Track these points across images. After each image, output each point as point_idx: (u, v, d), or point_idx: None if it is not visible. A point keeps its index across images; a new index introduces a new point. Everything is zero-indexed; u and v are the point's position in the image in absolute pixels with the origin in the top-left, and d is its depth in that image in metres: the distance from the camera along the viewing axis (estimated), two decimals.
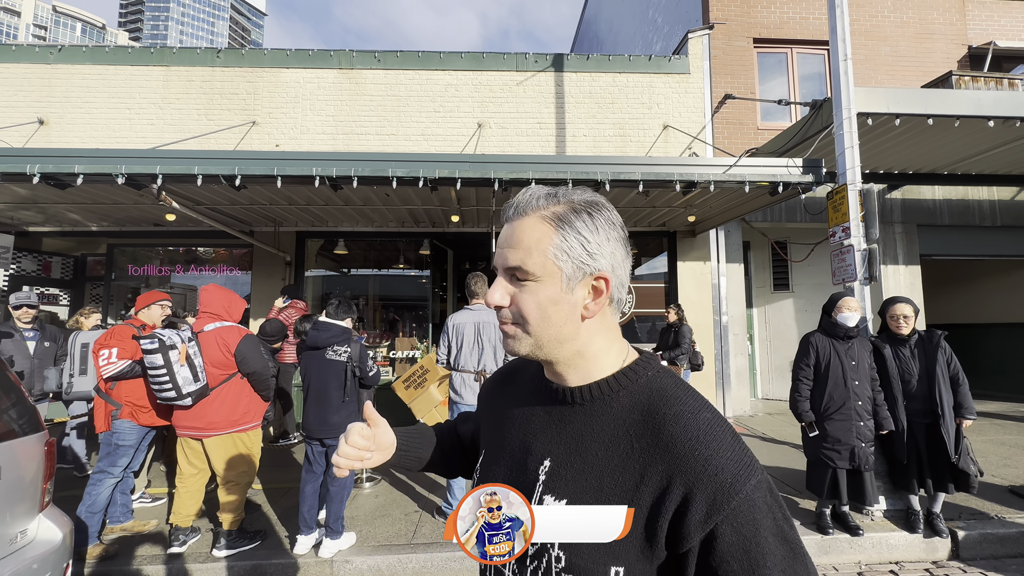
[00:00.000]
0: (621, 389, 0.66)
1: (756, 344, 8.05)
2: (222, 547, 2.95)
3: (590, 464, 0.62)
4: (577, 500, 0.61)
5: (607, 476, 0.60)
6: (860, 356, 3.23)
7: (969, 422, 3.15)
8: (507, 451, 0.73)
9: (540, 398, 0.73)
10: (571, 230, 0.64)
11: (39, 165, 3.92)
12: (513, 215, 0.68)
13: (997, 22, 7.84)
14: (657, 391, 0.65)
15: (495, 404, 0.83)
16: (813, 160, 4.49)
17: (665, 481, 0.57)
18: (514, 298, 0.66)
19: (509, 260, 0.66)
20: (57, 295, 7.45)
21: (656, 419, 0.61)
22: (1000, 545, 3.17)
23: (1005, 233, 7.45)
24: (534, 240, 0.64)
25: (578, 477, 0.62)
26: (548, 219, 0.65)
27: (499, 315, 0.68)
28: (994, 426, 6.02)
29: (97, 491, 3.05)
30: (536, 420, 0.71)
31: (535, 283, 0.64)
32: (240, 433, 3.05)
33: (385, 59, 6.78)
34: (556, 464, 0.65)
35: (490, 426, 0.82)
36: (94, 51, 6.63)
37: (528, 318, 0.65)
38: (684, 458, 0.57)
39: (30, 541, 2.02)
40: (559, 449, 0.66)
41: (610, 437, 0.63)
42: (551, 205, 0.66)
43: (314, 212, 5.73)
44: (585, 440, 0.64)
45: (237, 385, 3.05)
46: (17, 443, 2.05)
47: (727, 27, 7.30)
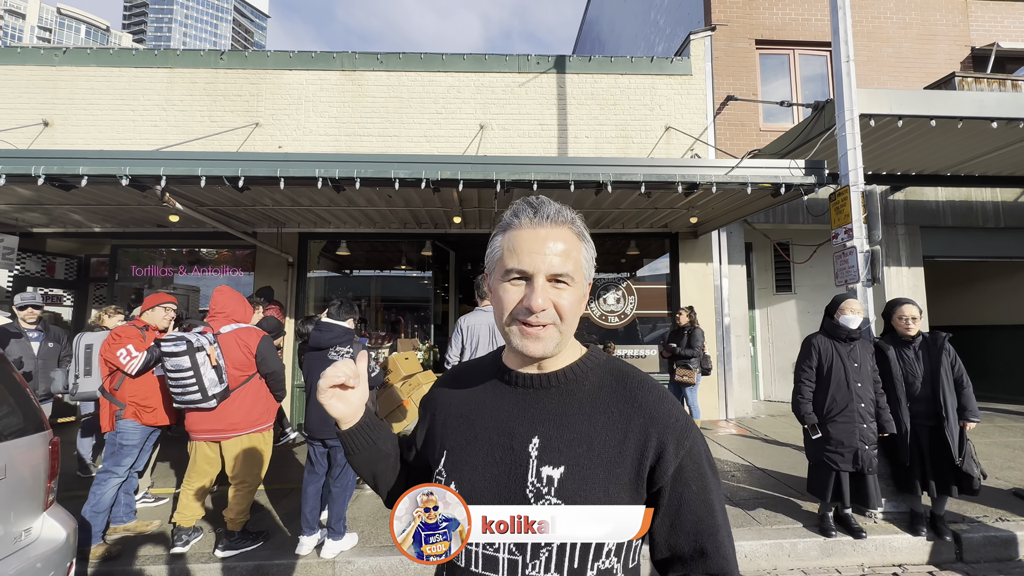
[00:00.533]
0: (589, 370, 0.78)
1: (758, 346, 8.03)
2: (225, 547, 2.95)
3: (577, 432, 0.72)
4: (572, 464, 0.70)
5: (596, 438, 0.72)
6: (862, 358, 3.22)
7: (973, 425, 3.14)
8: (482, 442, 0.76)
9: (510, 389, 0.79)
10: (587, 243, 0.77)
11: (44, 166, 3.94)
12: (546, 222, 0.73)
13: (1000, 23, 7.82)
14: (617, 368, 0.80)
15: (453, 408, 0.84)
16: (815, 161, 4.49)
17: (644, 433, 0.71)
18: (553, 301, 0.71)
19: (557, 267, 0.71)
20: (61, 296, 7.48)
21: (628, 388, 0.76)
22: (1004, 548, 3.16)
23: (1009, 235, 7.42)
24: (573, 249, 0.73)
25: (570, 445, 0.71)
26: (574, 231, 0.75)
27: (536, 317, 0.70)
28: (998, 429, 5.99)
29: (102, 491, 3.06)
30: (510, 408, 0.77)
31: (571, 287, 0.73)
32: (257, 433, 3.08)
33: (387, 61, 6.80)
34: (545, 439, 0.72)
35: (451, 427, 0.81)
36: (98, 53, 6.67)
37: (565, 317, 0.72)
38: (656, 414, 0.73)
39: (34, 540, 2.03)
40: (545, 427, 0.73)
41: (591, 407, 0.74)
42: (572, 220, 0.76)
43: (317, 213, 5.75)
44: (568, 414, 0.74)
45: (255, 386, 3.09)
46: (22, 442, 2.06)
47: (729, 29, 7.30)
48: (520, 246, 0.72)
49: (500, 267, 0.75)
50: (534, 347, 0.71)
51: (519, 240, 0.72)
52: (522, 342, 0.71)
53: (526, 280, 0.72)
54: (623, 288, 6.97)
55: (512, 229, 0.74)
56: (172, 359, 2.80)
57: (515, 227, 0.74)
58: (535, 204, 0.74)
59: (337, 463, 3.10)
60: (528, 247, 0.71)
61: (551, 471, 0.70)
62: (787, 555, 3.09)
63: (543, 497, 0.68)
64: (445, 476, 0.76)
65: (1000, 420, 6.46)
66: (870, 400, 3.16)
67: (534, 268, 0.70)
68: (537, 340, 0.71)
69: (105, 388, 3.25)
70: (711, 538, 0.71)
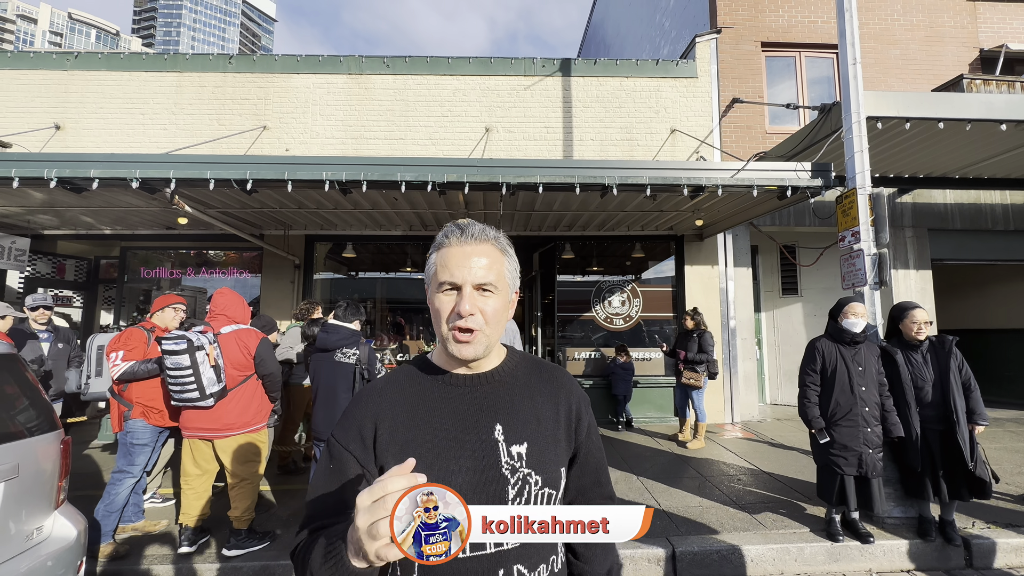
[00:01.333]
0: (517, 364, 0.95)
1: (764, 349, 7.99)
2: (232, 547, 2.97)
3: (527, 414, 0.88)
4: (531, 439, 0.86)
5: (541, 415, 0.89)
6: (867, 361, 3.20)
7: (982, 428, 3.11)
8: (450, 441, 0.83)
9: (459, 390, 0.88)
10: (510, 257, 0.90)
11: (56, 170, 4.00)
12: (471, 240, 0.84)
13: (1009, 24, 7.77)
14: (532, 360, 0.99)
15: (400, 419, 0.84)
16: (822, 164, 4.47)
17: (568, 404, 0.93)
18: (480, 307, 0.82)
19: (481, 277, 0.82)
20: (71, 297, 7.56)
21: (547, 372, 0.97)
22: (1015, 555, 3.12)
23: (1018, 237, 7.35)
24: (495, 262, 0.85)
25: (525, 424, 0.87)
26: (497, 246, 0.87)
27: (464, 322, 0.80)
28: (1007, 433, 5.93)
29: (116, 491, 3.09)
30: (466, 406, 0.86)
31: (495, 295, 0.84)
32: (252, 433, 3.10)
33: (394, 64, 6.85)
34: (506, 424, 0.85)
35: (407, 437, 0.82)
36: (109, 58, 6.76)
37: (490, 321, 0.83)
38: (572, 388, 0.96)
39: (45, 538, 2.06)
40: (502, 415, 0.86)
41: (529, 392, 0.91)
42: (494, 237, 0.88)
43: (323, 215, 5.79)
44: (515, 401, 0.89)
45: (252, 386, 3.11)
46: (34, 441, 2.09)
47: (735, 31, 7.29)
48: (450, 261, 0.82)
49: (435, 281, 0.84)
50: (467, 350, 0.82)
51: (448, 256, 0.83)
52: (456, 347, 0.82)
53: (456, 290, 0.82)
54: (628, 291, 6.96)
55: (443, 248, 0.85)
56: (172, 357, 2.82)
57: (445, 246, 0.85)
58: (462, 226, 0.86)
59: None
60: (456, 262, 0.82)
61: (519, 448, 0.84)
62: (794, 559, 3.07)
63: (517, 471, 0.82)
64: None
65: (1010, 425, 6.39)
66: (875, 404, 3.14)
67: (462, 279, 0.81)
68: (468, 345, 0.81)
69: (113, 389, 3.27)
70: (604, 472, 0.98)
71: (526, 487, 0.82)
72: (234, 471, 3.02)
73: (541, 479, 0.83)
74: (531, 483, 0.83)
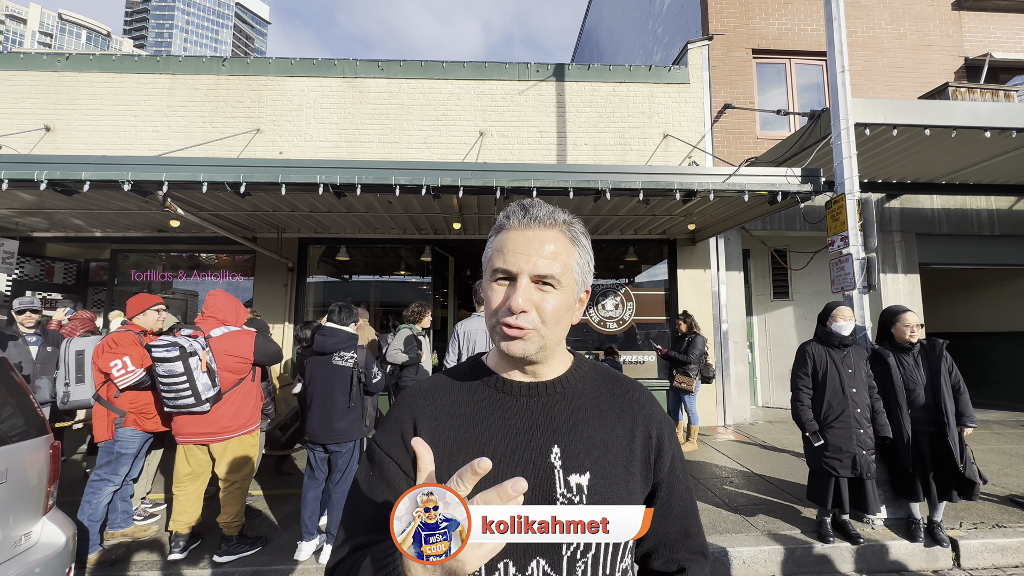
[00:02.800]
0: (585, 375, 0.80)
1: (756, 352, 8.05)
2: (223, 552, 2.95)
3: (591, 437, 0.73)
4: (596, 469, 0.70)
5: (610, 440, 0.74)
6: (856, 364, 3.25)
7: (970, 430, 3.17)
8: (496, 460, 0.66)
9: (512, 399, 0.75)
10: (581, 247, 0.76)
11: (46, 172, 3.96)
12: (534, 223, 0.72)
13: (993, 34, 7.93)
14: (606, 371, 0.83)
15: (444, 428, 0.73)
16: (812, 169, 4.53)
17: (646, 430, 0.77)
18: (535, 303, 0.70)
19: (542, 268, 0.69)
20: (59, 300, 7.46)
21: (623, 388, 0.81)
22: (1001, 555, 3.17)
23: (1004, 242, 7.48)
24: (563, 252, 0.72)
25: (588, 451, 0.72)
26: (567, 234, 0.74)
27: (516, 319, 0.69)
28: (994, 435, 6.02)
29: (98, 499, 3.04)
30: (519, 419, 0.73)
31: (557, 291, 0.71)
32: (246, 435, 3.09)
33: (388, 68, 6.86)
34: (565, 448, 0.71)
35: (448, 450, 0.70)
36: (101, 59, 6.71)
37: (548, 322, 0.70)
38: (652, 411, 0.79)
39: (34, 544, 2.03)
40: (561, 435, 0.72)
41: (597, 411, 0.76)
42: (565, 222, 0.75)
43: (317, 219, 5.78)
44: (578, 420, 0.74)
45: (246, 388, 3.10)
46: (23, 446, 2.06)
47: (726, 38, 7.39)
48: (507, 246, 0.71)
49: (489, 267, 0.74)
50: (514, 347, 0.70)
51: (507, 241, 0.72)
52: (504, 342, 0.70)
53: (511, 280, 0.71)
54: (622, 294, 7.00)
55: (503, 231, 0.74)
56: (164, 364, 2.75)
57: (505, 228, 0.74)
58: (526, 205, 0.74)
59: (338, 468, 3.10)
60: (514, 247, 0.71)
61: (579, 479, 0.69)
62: (785, 561, 3.10)
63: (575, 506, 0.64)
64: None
65: (997, 427, 6.48)
66: (866, 405, 3.19)
67: (518, 268, 0.70)
68: (517, 341, 0.69)
69: (101, 395, 3.18)
70: (694, 519, 0.78)
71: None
72: (227, 475, 2.99)
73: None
74: None
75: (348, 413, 3.11)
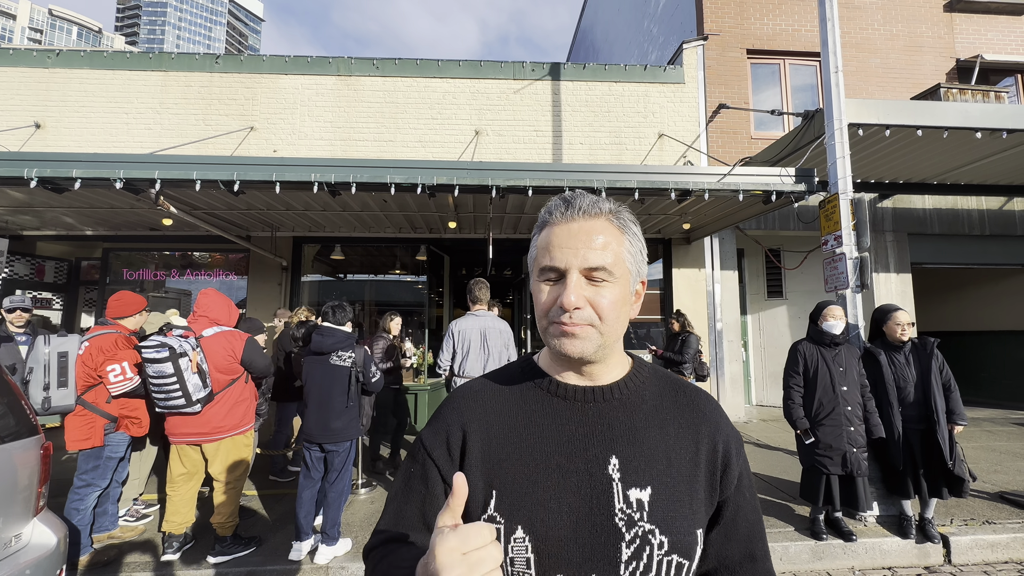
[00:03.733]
0: (646, 379, 0.74)
1: (750, 351, 8.10)
2: (216, 553, 2.93)
3: (652, 448, 0.67)
4: (657, 484, 0.65)
5: (672, 452, 0.68)
6: (848, 362, 3.27)
7: (961, 428, 3.20)
8: (548, 470, 0.65)
9: (566, 404, 0.70)
10: (632, 235, 0.70)
11: (36, 169, 3.92)
12: (579, 215, 0.67)
13: (984, 36, 8.01)
14: (666, 376, 0.77)
15: (493, 432, 0.70)
16: (805, 169, 4.56)
17: (712, 442, 0.70)
18: (589, 299, 0.65)
19: (592, 260, 0.65)
20: (50, 299, 7.39)
21: (687, 396, 0.74)
22: (991, 551, 3.21)
23: (994, 242, 7.57)
24: (612, 241, 0.67)
25: (650, 463, 0.66)
26: (614, 223, 0.69)
27: (570, 316, 0.64)
28: (984, 432, 6.08)
29: (85, 505, 2.97)
30: (574, 426, 0.68)
31: (611, 284, 0.66)
32: (239, 436, 3.07)
33: (383, 66, 6.83)
34: (624, 459, 0.66)
35: (496, 458, 0.68)
36: (92, 55, 6.64)
37: (605, 318, 0.65)
38: (720, 423, 0.72)
39: (24, 546, 2.01)
40: (620, 445, 0.67)
41: (659, 419, 0.70)
42: (611, 211, 0.69)
43: (311, 217, 5.75)
44: (638, 429, 0.68)
45: (238, 389, 3.08)
46: (13, 446, 2.04)
47: (721, 38, 7.42)
48: (553, 242, 0.67)
49: (536, 266, 0.69)
50: (571, 346, 0.65)
51: (552, 236, 0.67)
52: (559, 341, 0.66)
53: (560, 278, 0.66)
54: None
55: (546, 227, 0.69)
56: (154, 365, 2.71)
57: (549, 224, 0.69)
58: (568, 198, 0.69)
59: (334, 467, 3.09)
60: (560, 242, 0.66)
61: (639, 493, 0.64)
62: (778, 559, 3.12)
63: (636, 524, 0.62)
64: (503, 521, 0.63)
65: (987, 424, 6.56)
66: (857, 404, 3.21)
67: (565, 263, 0.65)
68: (574, 339, 0.65)
69: (88, 400, 3.03)
70: (760, 542, 0.71)
71: (646, 548, 0.62)
72: (220, 475, 2.97)
73: (668, 541, 0.62)
74: (653, 544, 0.62)
75: (346, 413, 3.11)
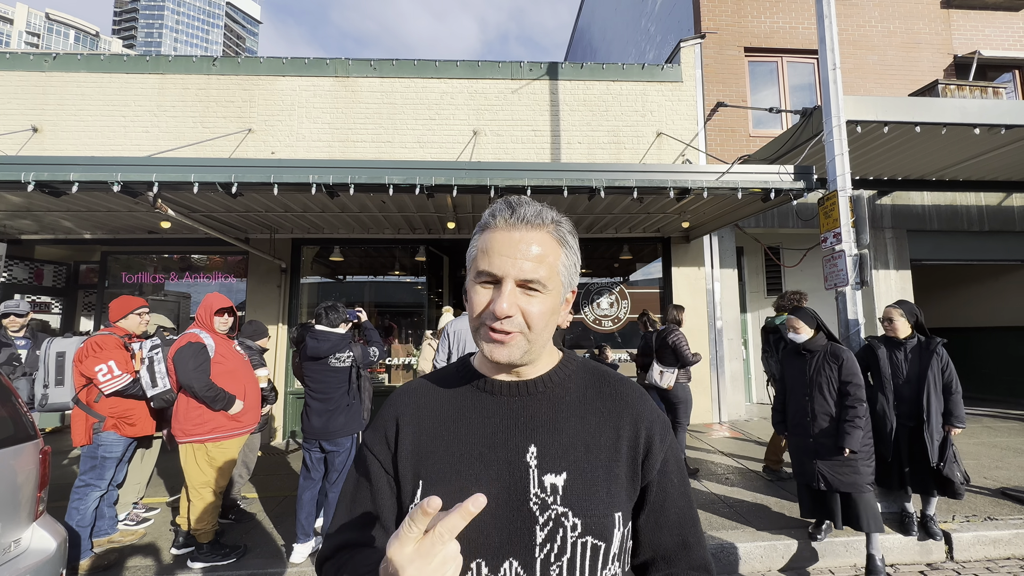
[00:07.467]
0: (571, 373, 0.77)
1: (750, 349, 8.10)
2: (195, 558, 2.91)
3: (573, 436, 0.71)
4: (573, 470, 0.68)
5: (591, 439, 0.71)
6: (819, 371, 3.06)
7: (958, 431, 3.16)
8: (472, 460, 0.69)
9: (493, 398, 0.74)
10: (568, 249, 0.73)
11: (34, 173, 3.91)
12: (521, 224, 0.69)
13: (981, 32, 8.01)
14: (595, 368, 0.80)
15: (425, 426, 0.74)
16: (804, 167, 4.56)
17: (634, 429, 0.73)
18: (521, 307, 0.67)
19: (528, 272, 0.67)
20: (49, 303, 7.38)
21: (611, 386, 0.77)
22: (993, 547, 3.21)
23: (993, 238, 7.57)
24: (549, 254, 0.69)
25: (568, 450, 0.70)
26: (554, 236, 0.71)
27: (501, 323, 0.66)
28: (985, 429, 6.08)
29: (85, 505, 2.97)
30: (498, 419, 0.72)
31: (544, 295, 0.68)
32: (200, 444, 2.96)
33: (381, 67, 6.83)
34: (542, 447, 0.69)
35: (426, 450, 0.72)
36: (89, 59, 6.63)
37: (533, 326, 0.68)
38: (642, 410, 0.75)
39: (24, 550, 2.01)
40: (539, 434, 0.70)
41: (581, 409, 0.74)
42: (553, 222, 0.72)
43: (310, 219, 5.74)
44: (561, 419, 0.72)
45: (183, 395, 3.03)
46: (12, 451, 2.03)
47: (719, 36, 7.41)
48: (492, 247, 0.68)
49: (473, 268, 0.71)
50: (499, 353, 0.67)
51: (492, 241, 0.68)
52: (489, 347, 0.68)
53: (495, 284, 0.68)
54: (616, 292, 7.01)
55: (487, 230, 0.70)
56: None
57: (490, 228, 0.70)
58: (513, 204, 0.70)
59: (334, 468, 3.09)
60: (499, 249, 0.67)
61: (554, 479, 0.67)
62: (781, 556, 3.12)
63: (548, 507, 0.65)
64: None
65: (987, 421, 6.56)
66: (823, 414, 3.00)
67: (503, 272, 0.67)
68: (502, 346, 0.67)
69: (81, 399, 3.08)
70: (693, 529, 0.73)
71: (559, 531, 0.65)
72: (187, 479, 2.97)
73: (581, 523, 0.65)
74: (566, 526, 0.65)
75: (347, 411, 3.14)
